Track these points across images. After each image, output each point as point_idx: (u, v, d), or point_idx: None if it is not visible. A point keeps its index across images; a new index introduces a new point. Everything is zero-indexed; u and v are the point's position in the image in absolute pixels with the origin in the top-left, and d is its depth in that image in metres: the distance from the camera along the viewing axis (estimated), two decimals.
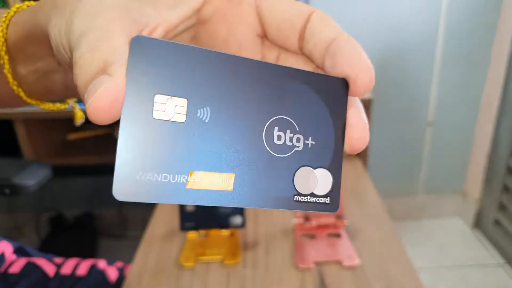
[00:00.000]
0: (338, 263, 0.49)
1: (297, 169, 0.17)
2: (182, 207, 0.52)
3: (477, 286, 1.31)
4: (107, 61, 0.15)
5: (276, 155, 0.17)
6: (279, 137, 0.17)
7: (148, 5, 0.18)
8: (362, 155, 0.78)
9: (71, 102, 0.29)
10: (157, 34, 0.18)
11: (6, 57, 0.23)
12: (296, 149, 0.17)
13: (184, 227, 0.53)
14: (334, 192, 0.18)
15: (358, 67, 0.17)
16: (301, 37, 0.19)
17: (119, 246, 1.44)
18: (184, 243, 0.54)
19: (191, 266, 0.50)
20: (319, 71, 0.19)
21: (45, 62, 0.24)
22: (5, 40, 0.23)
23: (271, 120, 0.17)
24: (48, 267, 0.55)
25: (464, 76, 1.40)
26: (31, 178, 0.58)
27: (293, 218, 0.57)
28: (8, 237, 0.59)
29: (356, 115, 0.18)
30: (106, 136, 0.93)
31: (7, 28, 0.23)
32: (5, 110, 0.75)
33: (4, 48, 0.23)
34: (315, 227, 0.56)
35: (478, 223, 1.56)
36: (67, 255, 0.59)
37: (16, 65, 0.24)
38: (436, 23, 1.32)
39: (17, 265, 0.54)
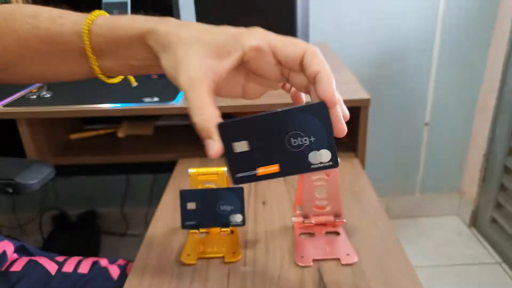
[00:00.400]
0: (337, 260, 0.50)
1: (309, 153, 0.34)
2: (183, 206, 0.53)
3: (473, 284, 1.32)
4: (209, 130, 0.32)
5: (296, 150, 0.34)
6: (294, 142, 0.34)
7: (214, 58, 0.33)
8: (360, 154, 0.79)
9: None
10: (222, 76, 0.34)
11: (93, 57, 0.37)
12: (305, 144, 0.34)
13: (185, 226, 0.54)
14: (333, 158, 0.34)
15: (326, 93, 0.32)
16: (301, 66, 0.34)
17: (121, 244, 1.45)
18: (185, 241, 0.55)
19: (192, 263, 0.51)
20: (312, 93, 0.35)
21: (141, 62, 0.37)
22: (91, 46, 0.36)
23: (288, 135, 0.33)
24: (49, 265, 0.55)
25: (461, 76, 1.41)
26: (34, 177, 0.58)
27: (293, 217, 0.58)
28: (11, 236, 0.60)
29: (336, 118, 0.33)
30: (108, 136, 0.94)
31: (89, 38, 0.36)
32: (8, 110, 0.75)
33: (91, 51, 0.36)
34: (314, 225, 0.56)
35: (475, 222, 1.57)
36: (70, 253, 0.60)
37: (102, 60, 0.37)
38: (434, 24, 1.33)
39: (19, 264, 0.54)
